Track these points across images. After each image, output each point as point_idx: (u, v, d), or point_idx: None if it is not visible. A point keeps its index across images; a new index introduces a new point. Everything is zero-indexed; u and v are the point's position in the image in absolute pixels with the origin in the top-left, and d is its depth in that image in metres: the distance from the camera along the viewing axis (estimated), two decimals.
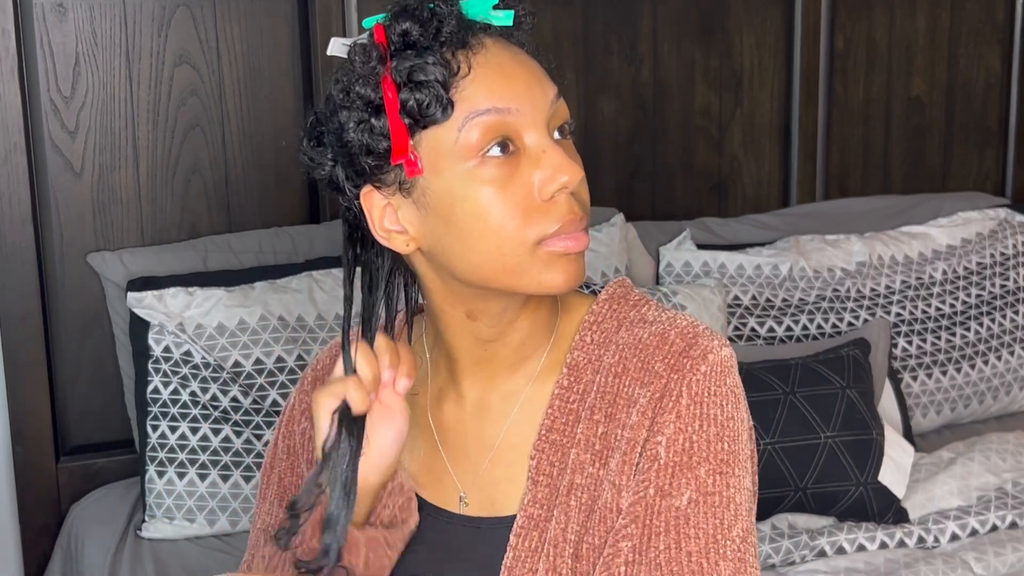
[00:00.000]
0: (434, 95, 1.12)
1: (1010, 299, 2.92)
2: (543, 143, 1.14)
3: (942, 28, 3.16)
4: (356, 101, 1.14)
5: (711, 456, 1.15)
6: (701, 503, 1.15)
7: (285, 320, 2.42)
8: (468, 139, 1.13)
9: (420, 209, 1.16)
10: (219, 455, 2.36)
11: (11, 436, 2.50)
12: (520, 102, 1.14)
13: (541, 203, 1.14)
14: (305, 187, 2.69)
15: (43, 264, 2.50)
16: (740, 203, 3.05)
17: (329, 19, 2.60)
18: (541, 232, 1.14)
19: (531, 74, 1.16)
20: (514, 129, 1.14)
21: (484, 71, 1.13)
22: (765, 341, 2.68)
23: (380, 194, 1.17)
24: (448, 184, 1.14)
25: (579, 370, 1.22)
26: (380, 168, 1.16)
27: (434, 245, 1.17)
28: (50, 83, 2.48)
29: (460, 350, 1.25)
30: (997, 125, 3.27)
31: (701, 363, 1.17)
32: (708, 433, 1.16)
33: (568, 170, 1.14)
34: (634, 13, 2.86)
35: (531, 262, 1.15)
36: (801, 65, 3.01)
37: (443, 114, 1.12)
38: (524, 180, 1.14)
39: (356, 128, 1.15)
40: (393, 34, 1.14)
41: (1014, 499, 2.40)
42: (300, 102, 2.65)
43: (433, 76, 1.12)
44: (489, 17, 1.16)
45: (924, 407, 2.78)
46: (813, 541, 2.28)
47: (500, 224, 1.13)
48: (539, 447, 1.21)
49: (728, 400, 1.17)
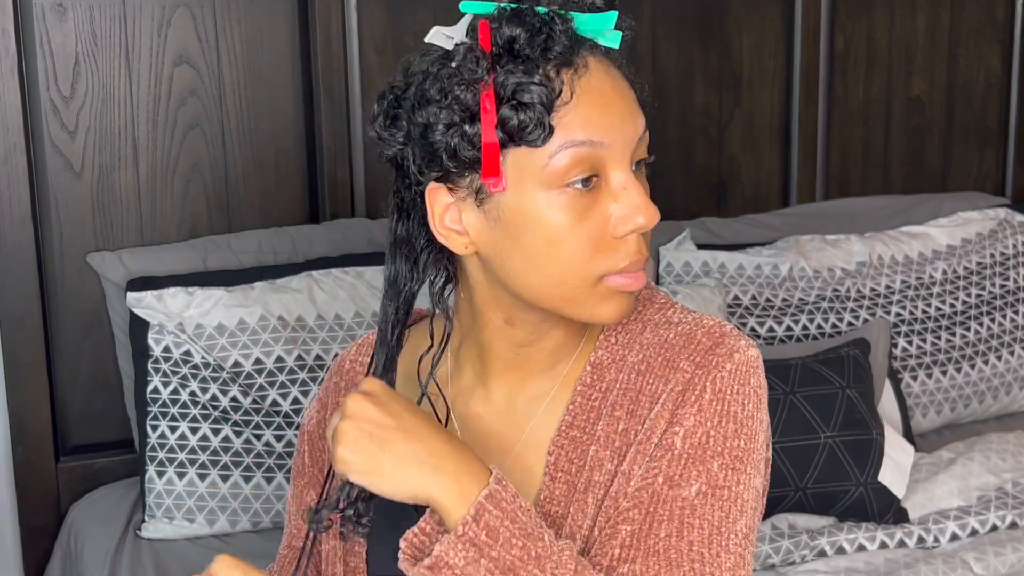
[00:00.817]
0: (537, 119, 1.10)
1: (1010, 299, 2.92)
2: (626, 180, 1.14)
3: (942, 28, 3.16)
4: (453, 103, 1.11)
5: (726, 451, 1.15)
6: (710, 495, 1.14)
7: (285, 320, 2.42)
8: (557, 166, 1.11)
9: (489, 220, 1.15)
10: (219, 455, 2.36)
11: (11, 436, 2.50)
12: (613, 136, 1.13)
13: (612, 239, 1.14)
14: (305, 187, 2.69)
15: (43, 264, 2.50)
16: (740, 203, 3.05)
17: (329, 19, 2.60)
18: (607, 268, 1.14)
19: (627, 106, 1.15)
20: (602, 163, 1.13)
21: (585, 99, 1.12)
22: (765, 341, 2.68)
23: (449, 193, 1.16)
24: (526, 205, 1.13)
25: (602, 368, 1.22)
26: (460, 173, 1.14)
27: (494, 256, 1.16)
28: (50, 83, 2.48)
29: (494, 352, 1.24)
30: (997, 125, 3.27)
31: (727, 361, 1.17)
32: (726, 429, 1.16)
33: (646, 213, 1.14)
34: (634, 13, 2.83)
35: (589, 294, 1.15)
36: (801, 65, 3.01)
37: (543, 140, 1.10)
38: (601, 214, 1.13)
39: (446, 131, 1.12)
40: (499, 38, 1.11)
41: (1014, 499, 2.40)
42: (300, 102, 2.65)
43: (539, 99, 1.10)
44: (599, 36, 1.15)
45: (924, 407, 2.78)
46: (813, 541, 2.28)
47: (570, 255, 1.13)
48: (558, 443, 1.21)
49: (750, 400, 1.17)
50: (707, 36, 2.94)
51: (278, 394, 2.39)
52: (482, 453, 1.25)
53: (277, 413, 2.40)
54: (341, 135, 2.63)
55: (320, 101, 2.63)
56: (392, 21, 2.66)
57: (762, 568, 2.25)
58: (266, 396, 2.39)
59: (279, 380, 2.39)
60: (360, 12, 2.63)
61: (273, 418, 2.39)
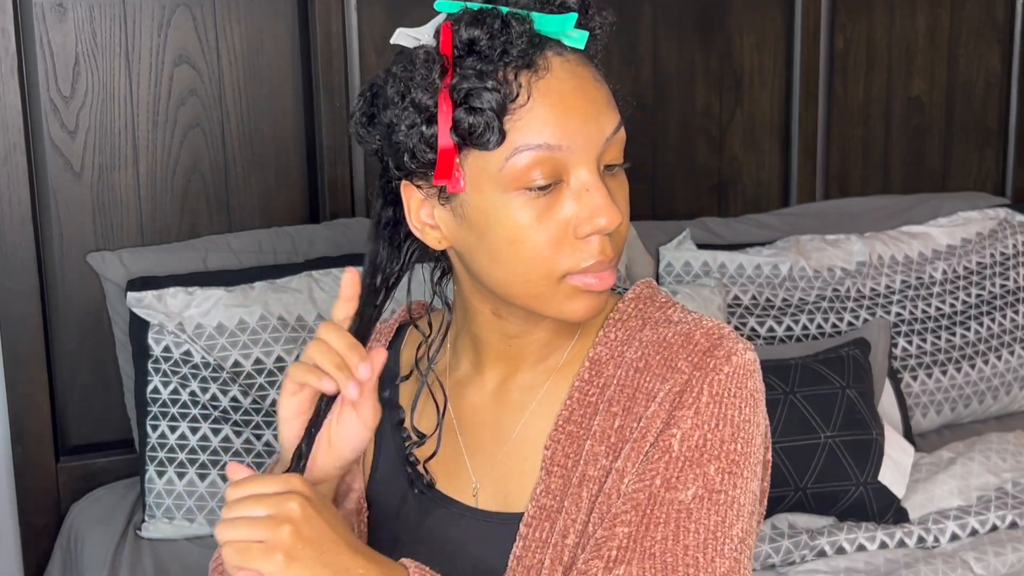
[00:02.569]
0: (487, 124, 1.10)
1: (1010, 299, 2.92)
2: (589, 181, 1.13)
3: (942, 28, 3.16)
4: (409, 106, 1.13)
5: (723, 455, 1.15)
6: (706, 499, 1.14)
7: (285, 320, 2.42)
8: (514, 168, 1.12)
9: (456, 217, 1.16)
10: (219, 455, 2.36)
11: (11, 436, 2.50)
12: (573, 138, 1.12)
13: (574, 239, 1.14)
14: (305, 187, 2.69)
15: (43, 264, 2.50)
16: (740, 203, 3.05)
17: (329, 19, 2.60)
18: (569, 268, 1.14)
19: (590, 107, 1.14)
20: (562, 165, 1.13)
21: (543, 101, 1.12)
22: (765, 341, 2.68)
23: (419, 191, 1.18)
24: (487, 204, 1.14)
25: (601, 364, 1.23)
26: (423, 173, 1.16)
27: (464, 251, 1.18)
28: (50, 83, 2.48)
29: (486, 344, 1.26)
30: (997, 125, 3.27)
31: (725, 364, 1.17)
32: (723, 433, 1.16)
33: (607, 214, 1.13)
34: (634, 13, 2.86)
35: (553, 292, 1.16)
36: (801, 65, 3.01)
37: (494, 144, 1.11)
38: (562, 213, 1.14)
39: (406, 131, 1.14)
40: (459, 39, 1.12)
41: (1014, 499, 2.40)
42: (300, 102, 2.65)
43: (489, 104, 1.10)
44: (563, 36, 1.15)
45: (924, 407, 2.78)
46: (813, 541, 2.28)
47: (530, 254, 1.14)
48: (555, 437, 1.22)
49: (747, 403, 1.17)
50: (708, 36, 2.94)
51: (278, 394, 2.39)
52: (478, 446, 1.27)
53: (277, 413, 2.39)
54: (341, 135, 2.63)
55: (320, 101, 2.63)
56: (392, 21, 2.66)
57: (762, 568, 2.25)
58: (266, 396, 2.40)
59: (279, 380, 2.39)
60: (360, 12, 2.63)
61: (273, 418, 2.40)
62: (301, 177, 2.68)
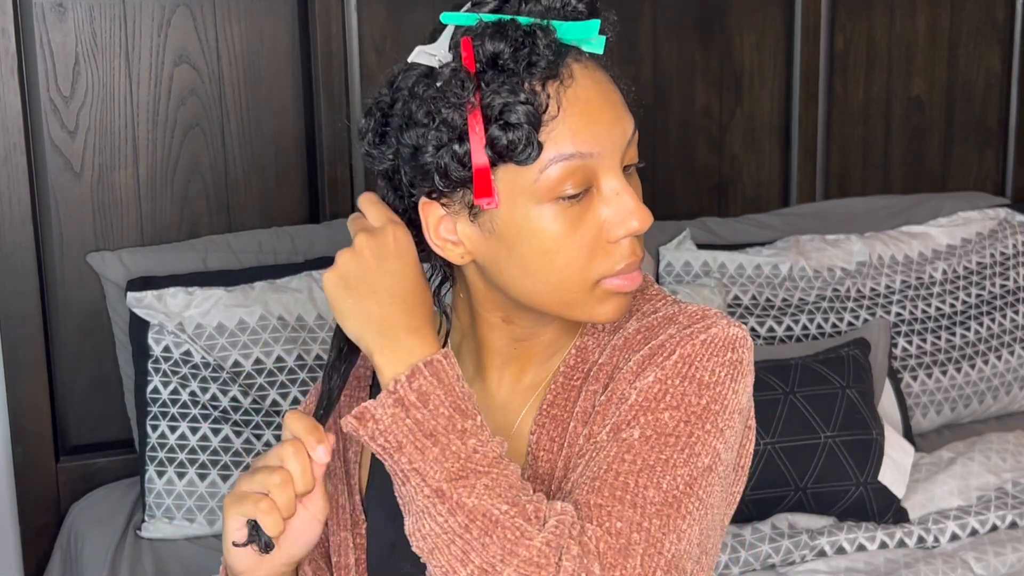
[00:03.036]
0: (526, 138, 1.10)
1: (1010, 299, 2.92)
2: (618, 186, 1.14)
3: (942, 28, 3.16)
4: (441, 126, 1.11)
5: (682, 406, 1.12)
6: (652, 439, 1.10)
7: (285, 320, 2.42)
8: (548, 180, 1.11)
9: (483, 232, 1.15)
10: (219, 455, 2.36)
11: (11, 436, 2.50)
12: (602, 145, 1.13)
13: (606, 243, 1.14)
14: (305, 187, 2.69)
15: (43, 264, 2.50)
16: (740, 203, 3.05)
17: (329, 19, 2.60)
18: (603, 272, 1.15)
19: (614, 112, 1.15)
20: (593, 172, 1.13)
21: (572, 111, 1.11)
22: (765, 341, 2.68)
23: (441, 207, 1.16)
24: (520, 217, 1.13)
25: (586, 352, 1.23)
26: (453, 190, 1.14)
27: (490, 265, 1.17)
28: (50, 83, 2.48)
29: (492, 348, 1.25)
30: (997, 125, 3.27)
31: (702, 332, 1.16)
32: (686, 388, 1.13)
33: (639, 216, 1.13)
34: (634, 13, 2.86)
35: (587, 298, 1.16)
36: (801, 65, 3.00)
37: (533, 158, 1.11)
38: (594, 220, 1.14)
39: (435, 152, 1.12)
40: (482, 54, 1.11)
41: (1014, 499, 2.40)
42: (300, 102, 2.65)
43: (526, 118, 1.09)
44: (584, 44, 1.14)
45: (924, 407, 2.78)
46: (813, 541, 2.28)
47: (566, 263, 1.14)
48: (539, 422, 1.22)
49: (723, 369, 1.14)
50: (708, 36, 2.94)
51: (278, 394, 2.40)
52: None
53: (277, 413, 2.40)
54: (341, 135, 2.63)
55: (320, 101, 2.62)
56: (392, 21, 2.66)
57: (762, 568, 2.25)
58: (266, 396, 2.40)
59: (279, 380, 2.39)
60: (360, 12, 2.63)
61: (273, 418, 2.39)
62: (301, 177, 2.68)
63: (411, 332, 1.12)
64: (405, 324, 1.12)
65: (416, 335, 1.12)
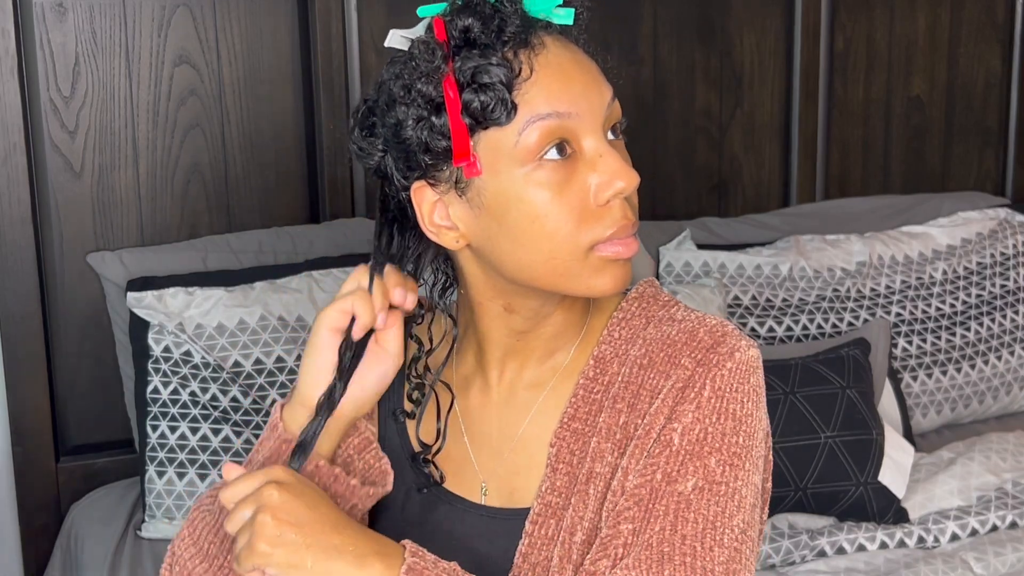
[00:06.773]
0: (499, 98, 1.12)
1: (1010, 299, 2.92)
2: (600, 147, 1.15)
3: (942, 28, 3.16)
4: (417, 98, 1.14)
5: (724, 448, 1.16)
6: (706, 491, 1.15)
7: (285, 320, 2.42)
8: (527, 142, 1.13)
9: (473, 208, 1.17)
10: (219, 455, 2.36)
11: (11, 436, 2.50)
12: (579, 105, 1.14)
13: (596, 208, 1.15)
14: (305, 187, 2.69)
15: (43, 264, 2.50)
16: (740, 203, 3.05)
17: (329, 19, 2.60)
18: (595, 237, 1.15)
19: (590, 76, 1.17)
20: (572, 133, 1.14)
21: (545, 73, 1.14)
22: (765, 341, 2.68)
23: (432, 190, 1.18)
24: (504, 185, 1.15)
25: (605, 362, 1.23)
26: (437, 166, 1.17)
27: (484, 243, 1.18)
28: (50, 83, 2.48)
29: (493, 340, 1.26)
30: (997, 125, 3.27)
31: (728, 360, 1.18)
32: (725, 426, 1.16)
33: (624, 176, 1.15)
34: (634, 13, 2.86)
35: (582, 266, 1.16)
36: (801, 65, 3.01)
37: (507, 117, 1.13)
38: (580, 184, 1.15)
39: (415, 126, 1.15)
40: (454, 30, 1.14)
41: (1014, 499, 2.40)
42: (300, 102, 2.65)
43: (498, 78, 1.12)
44: (551, 15, 1.17)
45: (924, 407, 2.78)
46: (813, 541, 2.28)
47: (555, 228, 1.14)
48: (560, 435, 1.22)
49: (749, 398, 1.18)
50: (708, 36, 2.94)
51: (278, 394, 2.40)
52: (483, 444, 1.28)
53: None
54: (341, 135, 2.63)
55: (320, 101, 2.63)
56: (392, 21, 2.66)
57: (762, 568, 2.25)
58: (266, 396, 2.40)
59: (279, 380, 2.40)
60: (360, 12, 2.63)
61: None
62: (301, 177, 2.68)
63: (377, 543, 1.13)
64: (366, 537, 1.13)
65: (379, 543, 1.13)
